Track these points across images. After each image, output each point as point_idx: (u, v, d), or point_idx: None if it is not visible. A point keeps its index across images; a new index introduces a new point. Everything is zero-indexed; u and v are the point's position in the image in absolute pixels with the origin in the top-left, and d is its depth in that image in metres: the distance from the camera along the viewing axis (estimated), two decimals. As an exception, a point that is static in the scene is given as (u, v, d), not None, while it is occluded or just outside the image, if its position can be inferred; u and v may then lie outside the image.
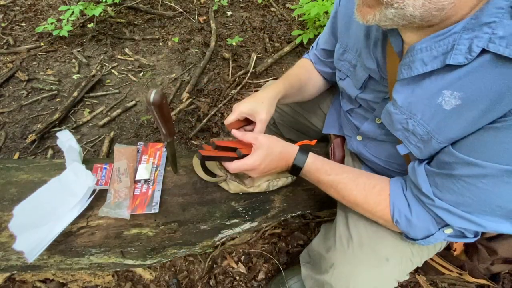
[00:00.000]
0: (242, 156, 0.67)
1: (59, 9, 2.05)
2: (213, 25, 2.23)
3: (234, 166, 0.66)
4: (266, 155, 0.65)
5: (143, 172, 0.83)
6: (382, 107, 0.63)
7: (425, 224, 0.56)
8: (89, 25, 2.14)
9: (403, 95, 0.54)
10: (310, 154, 0.68)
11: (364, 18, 0.47)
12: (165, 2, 2.44)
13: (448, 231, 0.55)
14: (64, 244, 0.72)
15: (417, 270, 1.10)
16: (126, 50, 2.04)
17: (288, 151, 0.68)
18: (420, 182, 0.54)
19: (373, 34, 0.62)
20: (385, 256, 0.64)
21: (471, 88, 0.45)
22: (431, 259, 0.88)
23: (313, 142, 0.80)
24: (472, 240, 0.56)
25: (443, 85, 0.48)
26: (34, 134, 1.49)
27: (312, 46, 0.91)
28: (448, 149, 0.49)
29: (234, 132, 0.69)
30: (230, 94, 1.80)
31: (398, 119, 0.56)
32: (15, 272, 0.86)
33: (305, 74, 0.89)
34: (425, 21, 0.44)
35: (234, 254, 1.17)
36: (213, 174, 0.83)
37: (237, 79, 1.88)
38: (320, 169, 0.67)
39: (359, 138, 0.77)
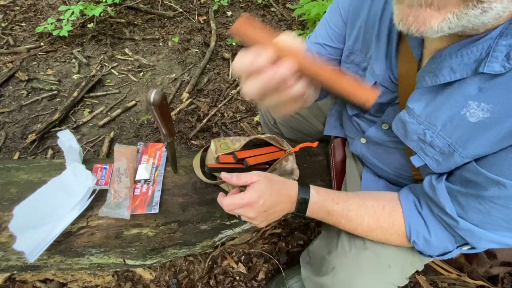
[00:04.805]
0: (249, 167, 0.63)
1: (59, 9, 2.05)
2: (213, 25, 2.23)
3: (228, 202, 0.58)
4: (266, 188, 0.58)
5: (143, 172, 0.83)
6: (390, 113, 0.60)
7: (444, 243, 0.54)
8: (89, 25, 2.14)
9: (422, 104, 0.49)
10: (310, 185, 0.63)
11: (425, 25, 0.36)
12: (165, 2, 2.44)
13: (466, 247, 0.53)
14: (64, 244, 0.72)
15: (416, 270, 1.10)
16: (126, 50, 2.04)
17: (288, 183, 0.62)
18: (442, 201, 0.50)
19: (384, 35, 0.57)
20: (388, 262, 0.63)
21: (503, 101, 0.40)
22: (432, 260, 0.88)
23: (315, 144, 0.80)
24: (482, 250, 0.55)
25: (469, 95, 0.43)
26: (34, 134, 1.49)
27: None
28: (473, 167, 0.45)
29: (226, 177, 0.61)
30: (230, 94, 1.80)
31: (414, 129, 0.51)
32: (15, 272, 0.86)
33: None
34: (469, 30, 0.39)
35: (234, 254, 1.17)
36: (213, 176, 0.83)
37: (237, 79, 1.88)
38: (327, 198, 0.61)
39: (363, 140, 0.74)
